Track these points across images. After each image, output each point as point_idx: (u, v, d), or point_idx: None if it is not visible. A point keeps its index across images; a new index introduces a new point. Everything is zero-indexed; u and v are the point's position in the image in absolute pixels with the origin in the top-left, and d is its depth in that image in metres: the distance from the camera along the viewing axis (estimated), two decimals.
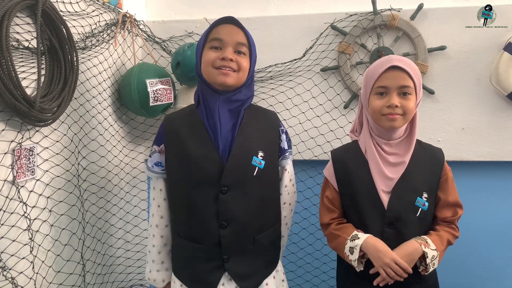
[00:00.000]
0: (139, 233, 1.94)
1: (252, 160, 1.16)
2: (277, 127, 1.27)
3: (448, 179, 1.23)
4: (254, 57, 1.19)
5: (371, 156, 1.22)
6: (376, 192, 1.19)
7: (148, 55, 1.87)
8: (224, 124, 1.16)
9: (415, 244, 1.15)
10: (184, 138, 1.18)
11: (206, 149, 1.15)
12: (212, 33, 1.16)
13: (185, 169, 1.18)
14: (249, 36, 1.17)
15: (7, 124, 1.15)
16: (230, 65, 1.13)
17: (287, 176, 1.30)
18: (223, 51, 1.14)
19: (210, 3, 1.95)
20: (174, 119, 1.24)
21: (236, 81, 1.15)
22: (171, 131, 1.22)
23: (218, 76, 1.13)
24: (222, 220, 1.15)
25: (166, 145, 1.23)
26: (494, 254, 1.87)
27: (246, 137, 1.18)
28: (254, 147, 1.18)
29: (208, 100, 1.17)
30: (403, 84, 1.14)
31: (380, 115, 1.17)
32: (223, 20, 1.15)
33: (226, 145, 1.16)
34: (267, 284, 1.24)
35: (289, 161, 1.30)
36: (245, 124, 1.19)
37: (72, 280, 1.46)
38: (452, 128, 1.80)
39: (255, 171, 1.17)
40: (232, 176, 1.15)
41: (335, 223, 1.26)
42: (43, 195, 1.31)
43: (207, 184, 1.15)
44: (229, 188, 1.15)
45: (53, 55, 1.26)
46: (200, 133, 1.17)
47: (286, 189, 1.31)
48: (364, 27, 1.76)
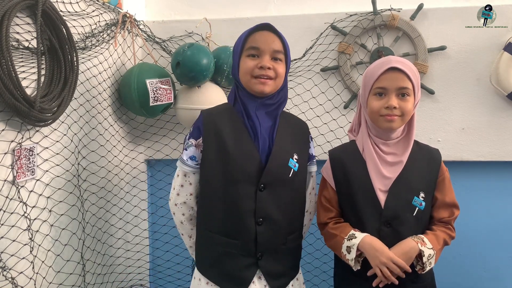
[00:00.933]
0: (139, 233, 1.94)
1: (289, 161, 1.19)
2: (307, 134, 1.31)
3: (445, 179, 1.24)
4: (289, 61, 1.22)
5: (369, 155, 1.22)
6: (373, 191, 1.20)
7: (148, 55, 1.87)
8: (263, 125, 1.19)
9: (412, 242, 1.15)
10: (224, 135, 1.18)
11: (247, 148, 1.18)
12: (249, 40, 1.17)
13: (224, 166, 1.18)
14: (285, 42, 1.19)
15: (7, 124, 1.15)
16: (268, 73, 1.15)
17: (312, 183, 1.33)
18: (260, 59, 1.16)
19: (210, 3, 1.95)
20: (213, 115, 1.23)
21: (273, 88, 1.18)
22: (210, 126, 1.20)
23: (256, 85, 1.16)
24: (259, 217, 1.17)
25: (205, 139, 1.20)
26: (494, 254, 1.87)
27: (283, 139, 1.21)
28: (290, 150, 1.21)
29: (245, 103, 1.20)
30: (402, 85, 1.14)
31: (378, 116, 1.17)
32: (260, 27, 1.17)
33: (264, 145, 1.19)
34: (292, 285, 1.26)
35: (315, 167, 1.33)
36: (282, 127, 1.22)
37: (72, 280, 1.46)
38: (452, 128, 1.80)
39: (290, 173, 1.19)
40: (271, 175, 1.17)
41: (332, 222, 1.27)
42: (43, 195, 1.31)
43: (246, 181, 1.17)
44: (266, 187, 1.17)
45: (53, 55, 1.26)
46: (241, 131, 1.19)
47: (310, 197, 1.33)
48: (364, 27, 1.76)
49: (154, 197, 2.02)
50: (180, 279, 2.02)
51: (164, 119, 1.92)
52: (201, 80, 1.67)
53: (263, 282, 1.19)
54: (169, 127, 1.94)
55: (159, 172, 2.01)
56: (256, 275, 1.19)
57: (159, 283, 2.06)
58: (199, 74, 1.63)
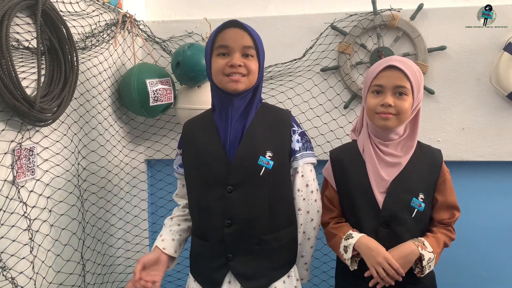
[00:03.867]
0: (139, 233, 1.94)
1: (259, 159, 1.17)
2: (288, 127, 1.23)
3: (446, 180, 1.23)
4: (262, 56, 1.20)
5: (368, 156, 1.22)
6: (371, 191, 1.20)
7: (148, 55, 1.87)
8: (235, 125, 1.19)
9: (412, 246, 1.14)
10: (197, 140, 1.23)
11: (214, 149, 1.19)
12: (217, 39, 1.16)
13: (196, 169, 1.23)
14: (255, 36, 1.17)
15: (7, 124, 1.15)
16: (239, 70, 1.14)
17: (301, 180, 1.24)
18: (230, 57, 1.14)
19: (210, 3, 1.95)
20: (191, 122, 1.31)
21: (247, 85, 1.16)
22: (187, 134, 1.29)
23: (228, 84, 1.14)
24: (227, 219, 1.17)
25: (183, 147, 1.29)
26: (495, 254, 1.87)
27: (253, 136, 1.19)
28: (262, 147, 1.18)
29: (221, 103, 1.20)
30: (399, 84, 1.14)
31: (374, 113, 1.17)
32: (226, 24, 1.15)
33: (234, 145, 1.18)
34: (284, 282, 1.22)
35: (300, 162, 1.23)
36: (255, 124, 1.20)
37: (72, 280, 1.46)
38: (452, 128, 1.80)
39: (261, 171, 1.17)
40: (237, 175, 1.16)
41: (333, 222, 1.27)
42: (43, 195, 1.31)
43: (215, 183, 1.18)
44: (235, 188, 1.17)
45: (53, 55, 1.26)
46: (211, 134, 1.21)
47: (300, 194, 1.25)
48: (364, 27, 1.76)
49: (154, 197, 2.02)
50: (180, 279, 2.02)
51: (164, 119, 1.92)
52: (201, 80, 1.67)
53: (238, 284, 1.19)
54: (169, 127, 1.94)
55: (159, 172, 2.01)
56: (231, 276, 1.19)
57: None
58: (199, 74, 1.63)
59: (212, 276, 1.22)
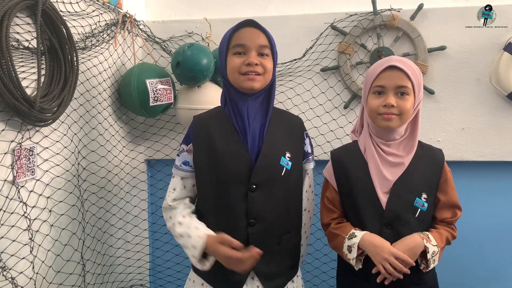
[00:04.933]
0: (139, 233, 1.94)
1: (281, 160, 1.18)
2: (301, 130, 1.29)
3: (448, 180, 1.23)
4: (276, 56, 1.21)
5: (370, 156, 1.22)
6: (374, 192, 1.19)
7: (148, 55, 1.87)
8: (253, 124, 1.19)
9: (418, 238, 1.14)
10: (214, 137, 1.20)
11: (236, 148, 1.18)
12: (233, 38, 1.17)
13: (214, 168, 1.19)
14: (270, 36, 1.18)
15: (7, 124, 1.15)
16: (256, 69, 1.14)
17: (308, 181, 1.31)
18: (247, 56, 1.15)
19: (210, 3, 1.95)
20: (203, 119, 1.26)
21: (263, 84, 1.17)
22: (200, 130, 1.23)
23: (245, 82, 1.15)
24: (251, 218, 1.16)
25: (195, 144, 1.23)
26: (495, 254, 1.87)
27: (274, 137, 1.20)
28: (282, 148, 1.20)
29: (236, 102, 1.19)
30: (400, 84, 1.14)
31: (377, 114, 1.17)
32: (243, 23, 1.16)
33: (254, 144, 1.18)
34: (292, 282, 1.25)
35: (311, 165, 1.31)
36: (273, 125, 1.21)
37: (72, 280, 1.46)
38: (452, 128, 1.80)
39: (283, 171, 1.18)
40: (261, 174, 1.17)
41: (335, 222, 1.26)
42: (43, 195, 1.31)
43: (237, 182, 1.17)
44: (258, 187, 1.17)
45: (53, 55, 1.26)
46: (230, 132, 1.19)
47: (306, 195, 1.31)
48: (364, 27, 1.76)
49: (154, 197, 2.02)
50: (180, 279, 2.02)
51: (164, 119, 1.92)
52: (201, 80, 1.67)
53: (256, 282, 1.19)
54: (169, 127, 1.94)
55: (159, 172, 2.01)
56: (249, 276, 1.19)
57: (159, 283, 2.06)
58: (199, 74, 1.63)
59: (231, 278, 1.17)
